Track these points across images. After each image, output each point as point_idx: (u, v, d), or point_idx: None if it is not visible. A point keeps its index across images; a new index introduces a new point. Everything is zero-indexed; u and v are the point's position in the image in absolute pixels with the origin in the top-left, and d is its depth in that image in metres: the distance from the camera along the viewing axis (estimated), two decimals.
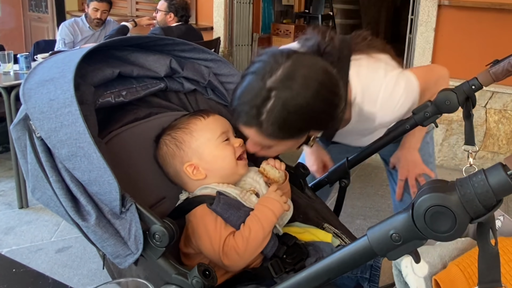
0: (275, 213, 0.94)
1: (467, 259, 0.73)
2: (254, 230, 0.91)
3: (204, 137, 1.01)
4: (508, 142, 3.47)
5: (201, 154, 1.00)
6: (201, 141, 1.01)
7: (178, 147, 1.01)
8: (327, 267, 0.62)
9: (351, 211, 2.88)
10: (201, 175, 1.01)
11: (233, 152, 1.02)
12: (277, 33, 5.00)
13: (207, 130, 1.02)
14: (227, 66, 1.16)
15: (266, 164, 1.04)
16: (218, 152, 1.01)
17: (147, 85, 1.07)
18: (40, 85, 0.80)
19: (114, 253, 0.77)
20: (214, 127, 1.03)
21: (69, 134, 0.75)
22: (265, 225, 0.92)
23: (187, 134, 1.01)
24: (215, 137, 1.01)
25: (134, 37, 1.05)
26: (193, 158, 1.01)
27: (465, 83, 1.11)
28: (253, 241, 0.90)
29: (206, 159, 1.00)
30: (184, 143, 1.01)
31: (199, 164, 1.00)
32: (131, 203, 0.76)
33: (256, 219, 0.93)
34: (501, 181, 0.49)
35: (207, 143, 1.01)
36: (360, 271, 0.92)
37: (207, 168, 1.00)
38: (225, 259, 0.89)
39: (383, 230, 0.56)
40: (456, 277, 0.71)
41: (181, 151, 1.01)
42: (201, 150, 1.00)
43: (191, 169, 1.00)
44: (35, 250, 2.41)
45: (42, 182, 0.78)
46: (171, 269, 0.77)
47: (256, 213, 0.94)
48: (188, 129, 1.02)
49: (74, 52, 0.87)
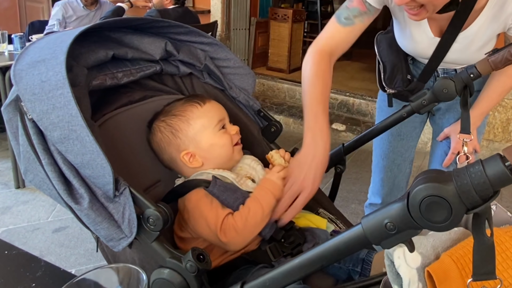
0: (275, 195, 0.95)
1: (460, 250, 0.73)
2: (253, 210, 0.92)
3: (201, 125, 1.00)
4: (503, 130, 3.48)
5: (198, 142, 1.00)
6: (198, 129, 1.00)
7: (174, 134, 1.00)
8: (320, 254, 0.62)
9: (347, 195, 2.90)
10: (197, 163, 1.01)
11: (231, 140, 1.02)
12: (275, 17, 4.94)
13: (204, 118, 1.01)
14: (223, 50, 1.15)
15: (275, 152, 1.06)
16: (216, 140, 1.01)
17: (142, 67, 1.06)
18: (31, 66, 0.78)
19: (107, 237, 0.76)
20: (211, 115, 1.02)
21: (61, 116, 0.73)
22: (265, 206, 0.93)
23: (184, 122, 1.00)
24: (212, 125, 1.01)
25: (129, 19, 1.03)
26: (190, 146, 1.00)
27: (464, 71, 1.11)
28: (252, 219, 0.91)
29: (203, 148, 1.00)
30: (181, 131, 1.00)
31: (196, 152, 1.00)
32: (125, 187, 0.76)
33: (255, 199, 0.94)
34: (499, 172, 0.48)
35: (205, 132, 1.00)
36: (352, 264, 0.93)
37: (204, 156, 1.00)
38: (222, 236, 0.90)
39: (377, 219, 0.56)
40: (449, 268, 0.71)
41: (177, 139, 1.00)
42: (199, 139, 1.00)
43: (188, 157, 1.00)
44: (32, 230, 2.42)
45: (34, 164, 0.77)
46: (165, 253, 0.77)
47: (256, 194, 0.95)
48: (184, 117, 1.01)
49: (67, 33, 0.85)
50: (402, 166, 1.64)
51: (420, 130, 1.62)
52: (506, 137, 3.49)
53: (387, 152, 1.62)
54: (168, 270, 0.75)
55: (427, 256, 0.73)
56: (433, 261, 0.73)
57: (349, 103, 4.29)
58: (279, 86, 4.68)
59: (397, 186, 1.68)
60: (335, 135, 3.98)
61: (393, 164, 1.63)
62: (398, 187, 1.68)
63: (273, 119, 1.17)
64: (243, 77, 1.17)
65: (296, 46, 5.09)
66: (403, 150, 1.61)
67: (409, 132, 1.58)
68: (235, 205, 0.94)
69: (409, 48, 1.38)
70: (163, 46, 1.07)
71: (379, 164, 1.67)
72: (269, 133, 1.16)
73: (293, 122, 4.17)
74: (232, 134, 1.03)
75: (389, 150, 1.62)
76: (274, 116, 4.21)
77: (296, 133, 4.08)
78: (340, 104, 4.34)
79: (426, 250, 0.74)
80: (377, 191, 1.71)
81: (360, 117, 4.24)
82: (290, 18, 4.85)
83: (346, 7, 1.21)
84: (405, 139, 1.59)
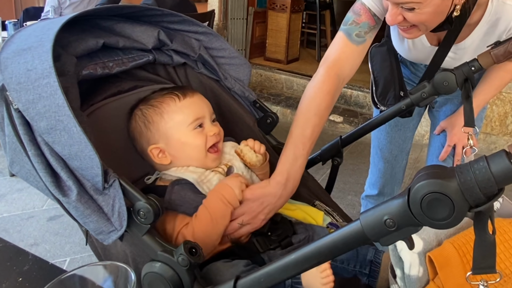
0: (228, 202, 0.87)
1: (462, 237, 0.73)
2: (199, 218, 0.86)
3: (174, 121, 0.94)
4: (501, 124, 3.47)
5: (168, 139, 0.94)
6: (170, 125, 0.94)
7: (146, 126, 0.95)
8: (317, 250, 0.60)
9: (343, 187, 2.90)
10: (166, 160, 0.95)
11: (204, 142, 0.95)
12: (273, 7, 4.89)
13: (179, 114, 0.94)
14: (218, 40, 1.12)
15: (244, 145, 0.98)
16: (188, 139, 0.94)
17: (134, 57, 1.03)
18: (17, 54, 0.75)
19: (97, 230, 0.75)
20: (188, 112, 0.95)
21: (48, 106, 0.71)
22: (213, 213, 0.86)
23: (158, 115, 0.94)
24: (187, 123, 0.94)
25: (120, 6, 1.00)
26: (159, 141, 0.94)
27: (465, 64, 1.08)
28: (199, 228, 0.85)
29: (173, 145, 0.94)
30: (153, 124, 0.94)
31: (165, 148, 0.94)
32: (114, 179, 0.73)
33: (203, 207, 0.87)
34: (504, 169, 0.46)
35: (178, 128, 0.94)
36: (359, 265, 0.89)
37: (173, 154, 0.94)
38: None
39: (377, 215, 0.54)
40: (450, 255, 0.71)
41: (148, 131, 0.95)
42: (169, 135, 0.94)
43: (157, 152, 0.94)
44: (27, 218, 2.41)
45: (20, 155, 0.75)
46: (156, 246, 0.75)
47: (205, 201, 0.87)
48: (159, 109, 0.94)
49: (55, 20, 0.82)
50: (399, 157, 1.64)
51: (417, 121, 1.61)
52: (503, 131, 3.48)
53: (385, 142, 1.62)
54: (159, 263, 0.74)
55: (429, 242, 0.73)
56: (435, 247, 0.73)
57: (347, 94, 4.27)
58: (277, 77, 4.64)
59: (394, 177, 1.68)
60: (332, 126, 3.96)
61: (391, 155, 1.63)
62: (394, 178, 1.68)
63: (269, 110, 1.15)
64: (238, 68, 1.14)
65: (294, 37, 5.05)
66: (401, 141, 1.61)
67: (406, 122, 1.57)
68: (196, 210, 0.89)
69: (408, 55, 1.37)
70: (156, 35, 1.04)
71: (376, 155, 1.67)
72: (265, 124, 1.14)
73: (290, 113, 4.14)
74: (209, 135, 0.95)
75: (387, 141, 1.61)
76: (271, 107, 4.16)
77: None
78: None
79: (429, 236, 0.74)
80: (374, 182, 1.71)
81: (357, 108, 4.22)
82: (288, 8, 4.80)
83: (354, 22, 1.11)
84: (402, 130, 1.58)
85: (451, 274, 0.69)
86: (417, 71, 1.44)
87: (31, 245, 2.20)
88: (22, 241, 2.22)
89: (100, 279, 0.59)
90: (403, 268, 0.71)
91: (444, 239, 0.74)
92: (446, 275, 0.69)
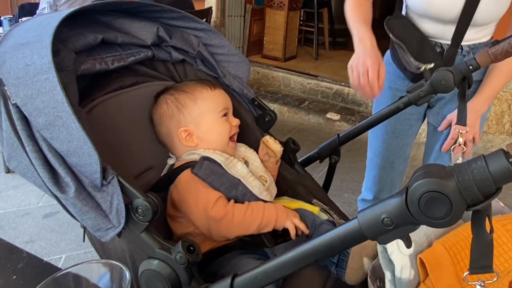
0: (278, 219, 0.93)
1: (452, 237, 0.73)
2: (255, 211, 0.91)
3: (206, 107, 1.02)
4: (497, 122, 3.48)
5: (199, 123, 1.01)
6: (202, 110, 1.01)
7: (179, 109, 1.01)
8: (315, 248, 0.60)
9: (340, 184, 2.90)
10: (192, 143, 1.01)
11: (229, 129, 1.03)
12: (271, 4, 4.89)
13: (211, 101, 1.02)
14: (217, 37, 1.12)
15: (269, 137, 1.07)
16: (216, 125, 1.02)
17: (133, 53, 1.03)
18: (15, 49, 0.75)
19: (94, 226, 0.74)
20: (219, 101, 1.04)
21: (47, 102, 0.70)
22: (265, 218, 0.92)
23: (191, 100, 1.01)
24: (217, 110, 1.03)
25: (119, 2, 0.99)
26: (190, 124, 1.01)
27: (463, 63, 1.09)
28: (248, 217, 0.91)
29: (202, 129, 1.01)
30: (186, 108, 1.01)
31: (194, 131, 1.01)
32: (113, 176, 0.73)
33: (263, 207, 0.93)
34: (502, 168, 0.46)
35: (208, 114, 1.02)
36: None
37: (201, 137, 1.01)
38: (214, 212, 0.89)
39: (374, 214, 0.54)
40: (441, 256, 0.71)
41: (180, 114, 1.01)
42: (200, 119, 1.01)
43: (185, 134, 1.01)
44: (22, 215, 2.40)
45: (18, 151, 0.74)
46: (154, 244, 0.75)
47: (266, 204, 0.94)
48: (193, 95, 1.02)
49: (54, 15, 0.81)
50: (395, 164, 1.61)
51: (417, 128, 1.58)
52: (500, 129, 3.49)
53: (381, 149, 1.59)
54: (157, 261, 0.74)
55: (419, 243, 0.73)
56: (425, 248, 0.73)
57: (344, 92, 4.27)
58: (274, 74, 4.64)
59: (390, 184, 1.64)
60: (329, 124, 3.97)
61: (386, 162, 1.60)
62: (391, 185, 1.64)
63: (267, 108, 1.15)
64: (237, 65, 1.14)
65: (291, 34, 5.04)
66: (397, 148, 1.58)
67: (405, 130, 1.55)
68: (221, 190, 0.93)
69: (430, 7, 1.30)
70: (155, 31, 1.03)
71: (372, 161, 1.64)
72: (263, 122, 1.14)
73: (287, 110, 4.14)
74: (232, 124, 1.04)
75: (383, 147, 1.58)
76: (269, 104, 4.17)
77: (291, 122, 4.06)
78: (335, 94, 4.32)
79: (419, 237, 0.74)
80: (370, 187, 1.69)
81: (354, 106, 4.22)
82: (286, 5, 4.80)
83: None
84: (400, 137, 1.56)
85: (441, 274, 0.69)
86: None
87: (27, 242, 2.19)
88: (18, 238, 2.22)
89: (94, 277, 0.59)
90: (394, 271, 0.71)
91: (434, 240, 0.74)
92: (437, 276, 0.69)
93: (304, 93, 4.46)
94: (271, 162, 1.08)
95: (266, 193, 0.99)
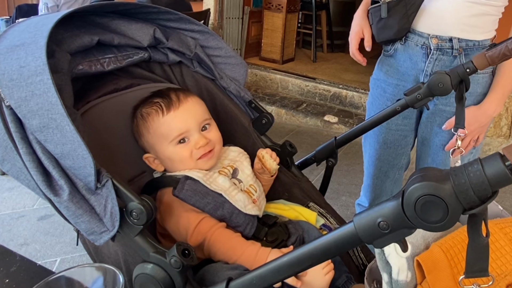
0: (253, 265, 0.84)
1: (450, 240, 0.73)
2: (242, 253, 0.85)
3: (158, 137, 0.96)
4: (495, 126, 3.48)
5: (156, 151, 0.97)
6: (155, 140, 0.96)
7: (139, 135, 0.99)
8: (310, 252, 0.60)
9: (337, 187, 2.89)
10: (160, 168, 0.99)
11: (189, 153, 0.95)
12: (269, 7, 4.89)
13: (163, 129, 0.95)
14: (215, 39, 1.11)
15: (265, 152, 1.03)
16: (171, 154, 0.96)
17: (129, 54, 1.02)
18: (10, 50, 0.74)
19: (88, 230, 0.73)
20: (171, 127, 0.95)
21: (41, 104, 0.70)
22: (238, 256, 0.85)
23: (145, 128, 0.97)
24: (169, 138, 0.95)
25: (116, 3, 0.99)
26: (151, 150, 0.99)
27: (460, 66, 1.08)
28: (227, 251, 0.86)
29: (162, 157, 0.97)
30: (143, 136, 0.99)
31: (157, 157, 0.98)
32: (107, 179, 0.72)
33: (256, 257, 0.85)
34: (498, 172, 0.46)
35: (161, 143, 0.96)
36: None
37: (165, 163, 0.98)
38: (193, 240, 0.87)
39: (370, 217, 0.53)
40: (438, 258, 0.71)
41: (140, 140, 0.99)
42: (157, 148, 0.97)
43: (152, 159, 0.99)
44: (17, 217, 2.38)
45: (11, 153, 0.74)
46: (149, 247, 0.74)
47: (246, 249, 0.86)
48: (146, 123, 0.97)
49: (49, 16, 0.81)
50: (390, 173, 1.58)
51: (412, 138, 1.54)
52: (497, 132, 3.50)
53: (374, 159, 1.57)
54: (151, 265, 0.73)
55: (417, 246, 0.73)
56: (423, 250, 0.73)
57: (342, 95, 4.27)
58: (272, 77, 4.64)
59: (385, 191, 1.63)
60: (327, 127, 3.96)
61: (380, 171, 1.58)
62: (386, 193, 1.63)
63: (264, 110, 1.14)
64: (234, 67, 1.14)
65: (289, 37, 5.05)
66: (391, 158, 1.55)
67: (397, 140, 1.51)
68: (207, 210, 0.90)
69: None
70: (152, 33, 1.03)
71: (368, 169, 1.64)
72: (260, 125, 1.14)
73: (285, 113, 4.14)
74: (195, 148, 0.95)
75: (375, 157, 1.57)
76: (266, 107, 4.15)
77: (288, 124, 4.06)
78: (332, 96, 4.32)
79: (416, 240, 0.74)
80: (365, 194, 1.68)
81: (352, 109, 4.22)
82: (284, 8, 4.80)
83: None
84: (393, 148, 1.53)
85: (439, 277, 0.69)
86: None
87: (21, 245, 2.18)
88: (12, 241, 2.20)
89: (88, 281, 0.58)
90: (391, 273, 0.71)
91: (431, 242, 0.74)
92: (434, 278, 0.69)
93: (302, 95, 4.46)
94: (265, 175, 1.05)
95: (252, 206, 0.94)
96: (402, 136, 1.51)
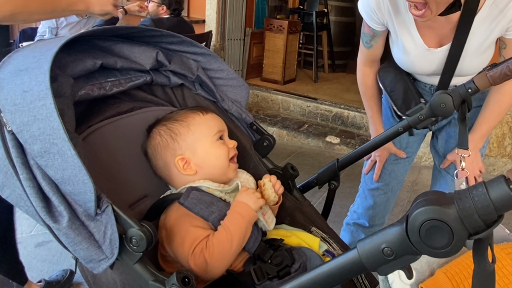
0: (247, 219, 0.91)
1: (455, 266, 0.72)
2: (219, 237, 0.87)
3: (200, 132, 1.00)
4: (499, 145, 3.47)
5: (195, 149, 0.99)
6: (197, 136, 0.99)
7: (173, 138, 0.99)
8: (313, 279, 0.59)
9: (340, 210, 2.85)
10: (191, 171, 0.99)
11: (227, 152, 1.01)
12: (271, 28, 4.94)
13: (204, 126, 1.01)
14: (216, 61, 1.12)
15: (268, 180, 1.04)
16: (213, 149, 1.00)
17: (131, 77, 1.03)
18: (14, 75, 0.74)
19: (87, 258, 0.72)
20: (212, 124, 1.02)
21: (43, 129, 0.70)
22: (231, 230, 0.88)
23: (184, 127, 1.00)
24: (211, 134, 1.00)
25: (119, 27, 1.00)
26: (186, 152, 0.99)
27: (461, 86, 1.08)
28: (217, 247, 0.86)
29: (199, 155, 0.99)
30: (180, 136, 0.99)
31: (191, 159, 0.99)
32: (107, 205, 0.72)
33: (224, 226, 0.89)
34: (504, 195, 0.45)
35: (203, 139, 1.00)
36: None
37: (199, 164, 0.99)
38: (191, 261, 0.85)
39: (374, 244, 0.53)
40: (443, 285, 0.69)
41: (175, 143, 0.99)
42: (196, 145, 0.99)
43: (183, 163, 0.99)
44: None
45: (11, 179, 0.73)
46: (148, 275, 0.73)
47: (222, 222, 0.90)
48: (185, 122, 1.00)
49: (54, 40, 0.82)
50: (389, 194, 1.66)
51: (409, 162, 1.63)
52: (501, 152, 3.48)
53: (383, 175, 1.62)
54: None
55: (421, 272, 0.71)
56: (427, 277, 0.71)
57: (344, 115, 4.28)
58: (273, 98, 4.66)
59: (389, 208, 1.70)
60: (329, 148, 3.95)
61: (377, 191, 1.66)
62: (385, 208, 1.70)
63: (266, 132, 1.14)
64: (236, 89, 1.14)
65: (291, 57, 5.09)
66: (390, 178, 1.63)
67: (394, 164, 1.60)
68: (211, 219, 0.91)
69: (405, 62, 1.37)
70: (154, 56, 1.04)
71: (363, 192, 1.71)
72: (261, 147, 1.13)
73: (286, 134, 4.14)
74: (230, 147, 1.02)
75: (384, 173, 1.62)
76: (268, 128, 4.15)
77: (290, 145, 4.04)
78: (334, 117, 4.33)
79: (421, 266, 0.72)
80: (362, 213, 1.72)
81: (354, 130, 4.22)
82: (285, 29, 4.85)
83: (363, 32, 1.42)
84: (402, 163, 1.60)
85: None
86: (423, 90, 1.44)
87: None
88: None
89: None
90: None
91: (436, 269, 0.72)
92: None
93: (303, 116, 4.47)
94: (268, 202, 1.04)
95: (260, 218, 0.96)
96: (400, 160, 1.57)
